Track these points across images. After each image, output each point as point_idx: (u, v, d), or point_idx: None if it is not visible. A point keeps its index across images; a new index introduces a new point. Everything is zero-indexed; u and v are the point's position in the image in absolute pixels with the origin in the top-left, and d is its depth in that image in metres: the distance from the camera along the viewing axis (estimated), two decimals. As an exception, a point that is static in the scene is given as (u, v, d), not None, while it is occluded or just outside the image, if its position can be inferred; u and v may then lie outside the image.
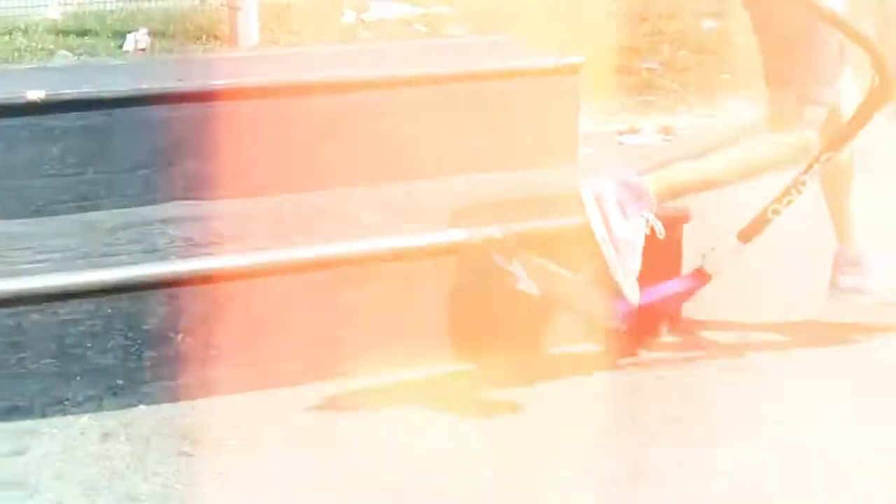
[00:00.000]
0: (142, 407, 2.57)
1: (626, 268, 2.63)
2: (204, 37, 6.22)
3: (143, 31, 5.95)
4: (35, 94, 2.94)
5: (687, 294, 2.85)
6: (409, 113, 3.28)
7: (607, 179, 2.66)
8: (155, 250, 2.71)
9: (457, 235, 2.82)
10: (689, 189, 2.81)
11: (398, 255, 2.76)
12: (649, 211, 2.66)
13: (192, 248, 2.72)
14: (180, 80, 3.14)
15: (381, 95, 3.27)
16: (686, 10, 7.45)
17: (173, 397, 2.59)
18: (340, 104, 3.22)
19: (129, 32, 5.90)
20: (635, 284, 2.64)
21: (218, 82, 3.14)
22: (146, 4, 6.85)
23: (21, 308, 2.46)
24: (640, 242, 2.65)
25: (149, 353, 2.58)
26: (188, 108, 3.04)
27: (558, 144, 3.50)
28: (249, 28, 6.10)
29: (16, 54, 5.29)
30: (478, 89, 3.37)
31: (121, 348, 2.55)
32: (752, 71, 6.75)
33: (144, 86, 3.10)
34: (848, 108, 2.78)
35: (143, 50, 5.76)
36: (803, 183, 2.74)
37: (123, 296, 2.54)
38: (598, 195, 2.62)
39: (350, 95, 3.24)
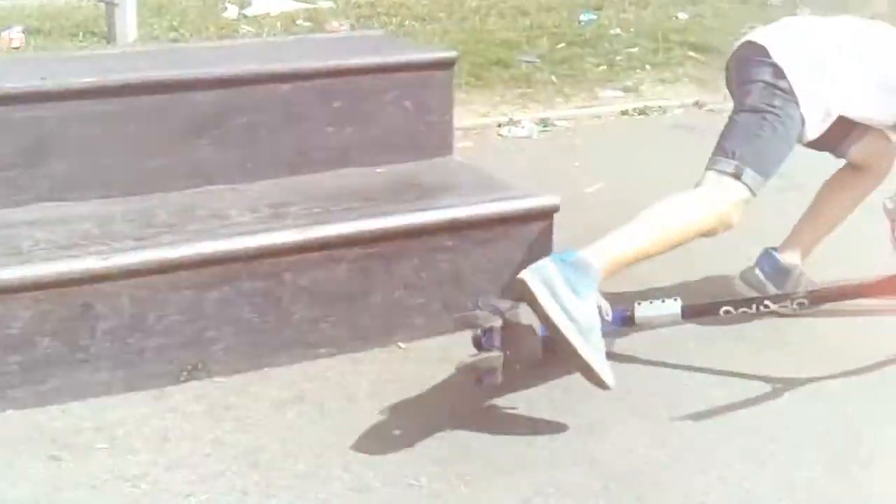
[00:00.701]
0: (10, 412, 2.50)
1: (597, 350, 2.40)
2: (81, 34, 6.08)
3: (17, 28, 5.78)
4: None
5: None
6: (283, 109, 3.23)
7: (548, 262, 2.46)
8: (19, 253, 2.62)
9: (329, 231, 2.79)
10: (630, 256, 2.62)
11: (270, 253, 2.71)
12: (597, 283, 2.47)
13: (57, 250, 2.64)
14: (43, 78, 3.03)
15: (255, 92, 3.21)
16: (565, 4, 7.54)
17: (42, 401, 2.52)
18: (212, 101, 3.15)
19: (2, 30, 5.73)
20: (607, 364, 2.41)
21: (84, 80, 3.04)
22: (22, 1, 6.67)
23: None
24: (598, 320, 2.44)
25: (15, 358, 2.50)
26: (53, 107, 2.95)
27: (434, 138, 3.48)
28: (127, 24, 5.98)
29: None
30: (352, 84, 3.33)
31: (-13, 353, 2.46)
32: (627, 62, 6.88)
33: (7, 85, 2.99)
34: None
35: (17, 48, 5.59)
36: None
37: (-12, 300, 2.46)
38: (544, 280, 2.40)
39: (223, 92, 3.17)
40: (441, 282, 2.94)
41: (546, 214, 3.09)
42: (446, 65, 3.53)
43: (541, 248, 3.06)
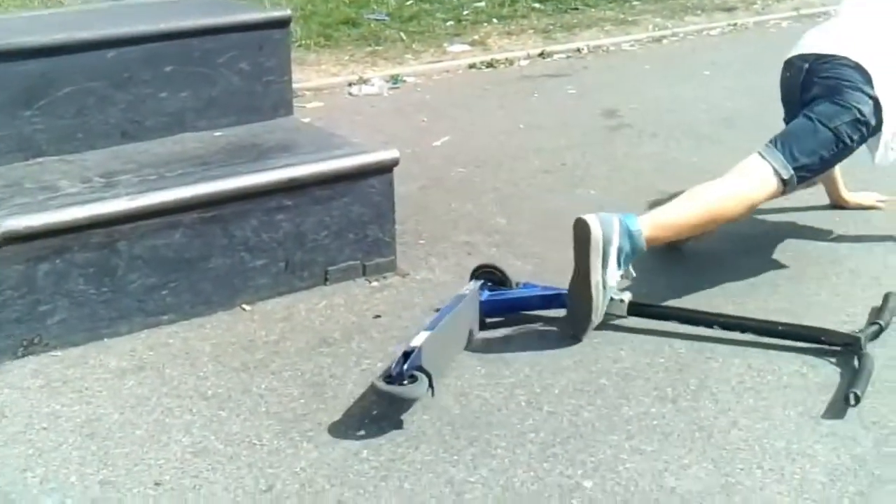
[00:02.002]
0: None
1: (600, 313, 2.59)
2: None
3: None
4: None
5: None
6: (112, 76, 3.12)
7: (616, 224, 2.58)
8: None
9: (163, 198, 2.72)
10: (686, 228, 2.79)
11: (102, 223, 2.63)
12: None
13: None
14: None
15: (81, 59, 3.09)
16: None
17: None
18: (37, 71, 3.02)
19: None
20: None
21: None
22: None
23: None
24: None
25: None
26: None
27: (273, 98, 3.42)
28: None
29: None
30: (183, 48, 3.24)
31: None
32: (474, 17, 6.89)
33: None
34: None
35: None
36: None
37: None
38: (605, 240, 2.54)
39: (48, 61, 3.04)
40: (283, 241, 2.90)
41: (386, 169, 3.06)
42: (281, 24, 3.46)
43: (382, 202, 3.05)
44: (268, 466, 2.15)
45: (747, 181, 2.82)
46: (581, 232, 2.57)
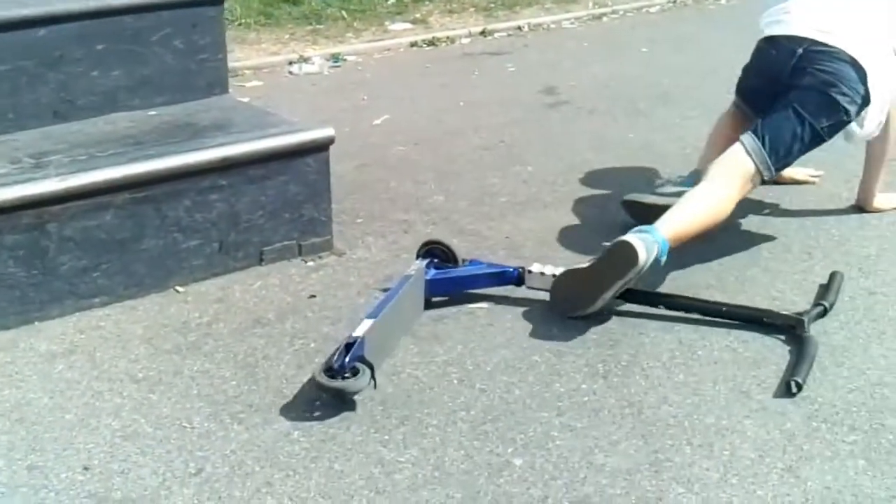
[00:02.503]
0: None
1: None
2: None
3: None
4: None
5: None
6: (42, 55, 3.04)
7: (655, 251, 2.54)
8: None
9: (93, 178, 2.66)
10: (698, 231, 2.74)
11: (31, 204, 2.57)
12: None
13: None
14: None
15: (10, 38, 3.00)
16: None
17: None
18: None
19: None
20: None
21: None
22: None
23: None
24: None
25: None
26: None
27: (207, 77, 3.36)
28: None
29: None
30: (115, 26, 3.16)
31: None
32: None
33: None
34: None
35: None
36: None
37: None
38: (643, 268, 2.51)
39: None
40: (216, 222, 2.85)
41: (321, 147, 3.02)
42: (215, 1, 3.39)
43: (318, 181, 3.01)
44: (197, 449, 2.12)
45: (736, 184, 2.80)
46: (624, 254, 2.51)
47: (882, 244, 3.01)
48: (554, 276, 2.65)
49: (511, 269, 2.72)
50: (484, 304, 2.68)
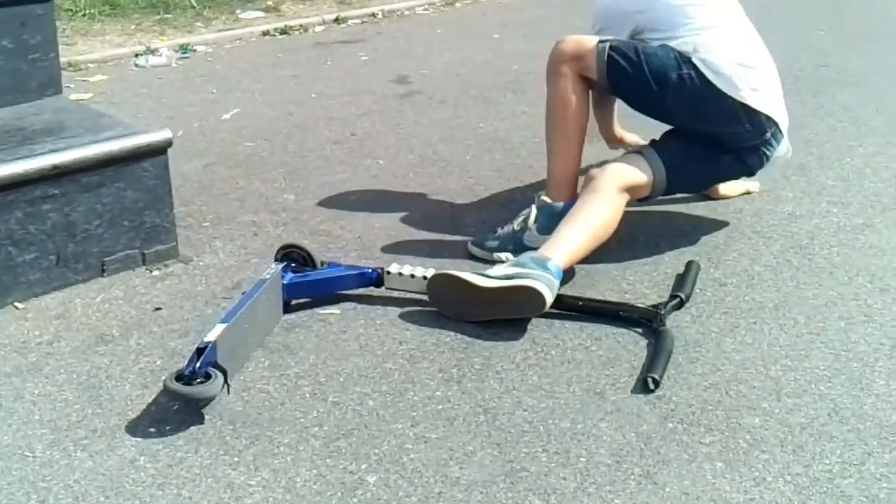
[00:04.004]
0: None
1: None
2: None
3: None
4: None
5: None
6: None
7: (555, 282, 2.44)
8: None
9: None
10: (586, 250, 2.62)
11: None
12: None
13: None
14: None
15: None
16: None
17: None
18: None
19: None
20: None
21: None
22: None
23: None
24: None
25: None
26: None
27: (39, 77, 3.13)
28: None
29: None
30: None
31: None
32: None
33: None
34: None
35: None
36: None
37: None
38: (548, 304, 2.41)
39: None
40: (51, 233, 2.65)
41: (159, 150, 2.83)
42: (44, -1, 3.16)
43: (158, 186, 2.83)
44: (40, 480, 1.95)
45: (625, 196, 2.71)
46: (530, 299, 2.40)
47: (730, 232, 2.98)
48: (412, 276, 2.56)
49: (370, 271, 2.62)
50: (336, 310, 2.56)
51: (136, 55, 5.11)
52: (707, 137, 2.78)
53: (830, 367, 2.26)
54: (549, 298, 2.40)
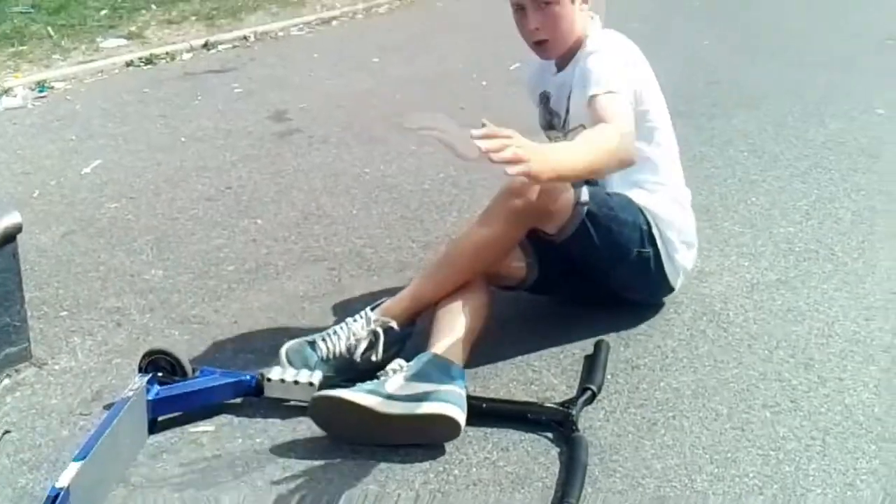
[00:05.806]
0: None
1: None
2: None
3: None
4: None
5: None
6: None
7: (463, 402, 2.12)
8: None
9: None
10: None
11: None
12: None
13: None
14: None
15: None
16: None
17: None
18: None
19: None
20: None
21: None
22: None
23: None
24: None
25: None
26: None
27: None
28: None
29: None
30: None
31: None
32: (131, 3, 6.17)
33: None
34: None
35: None
36: None
37: None
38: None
39: None
40: None
41: (6, 239, 2.45)
42: None
43: (6, 280, 2.44)
44: None
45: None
46: (444, 429, 2.09)
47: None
48: (296, 382, 2.23)
49: (248, 378, 2.28)
50: (210, 426, 2.22)
51: (-14, 97, 4.64)
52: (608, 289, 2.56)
53: (760, 472, 2.00)
54: (463, 422, 2.09)
